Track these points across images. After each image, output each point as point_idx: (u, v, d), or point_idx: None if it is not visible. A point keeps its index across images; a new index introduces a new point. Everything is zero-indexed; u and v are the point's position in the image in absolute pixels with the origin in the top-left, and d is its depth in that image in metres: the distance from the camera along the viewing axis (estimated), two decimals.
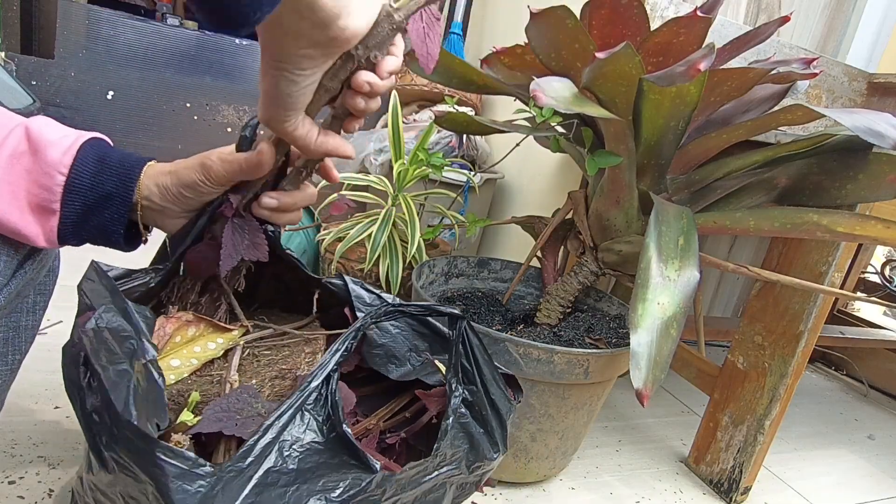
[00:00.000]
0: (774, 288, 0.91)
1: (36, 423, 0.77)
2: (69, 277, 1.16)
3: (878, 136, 0.57)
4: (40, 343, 0.96)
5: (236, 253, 0.52)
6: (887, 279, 1.81)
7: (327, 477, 0.41)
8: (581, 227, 0.89)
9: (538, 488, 0.89)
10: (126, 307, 0.46)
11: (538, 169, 1.45)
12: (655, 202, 0.70)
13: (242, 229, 0.53)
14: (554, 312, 0.90)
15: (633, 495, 0.93)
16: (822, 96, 1.28)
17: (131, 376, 0.40)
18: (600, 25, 0.72)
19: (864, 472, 1.18)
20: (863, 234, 0.65)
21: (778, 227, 0.70)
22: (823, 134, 0.70)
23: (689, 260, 0.62)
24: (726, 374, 0.98)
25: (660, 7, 1.06)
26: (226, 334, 0.56)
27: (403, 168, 1.14)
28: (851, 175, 0.70)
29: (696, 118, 0.76)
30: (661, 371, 0.56)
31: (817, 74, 0.71)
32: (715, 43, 0.55)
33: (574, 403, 0.82)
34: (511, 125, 0.86)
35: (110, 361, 0.41)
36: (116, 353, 0.42)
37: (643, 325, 0.58)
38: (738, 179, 0.79)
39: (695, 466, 1.03)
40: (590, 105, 0.61)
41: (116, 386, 0.39)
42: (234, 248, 0.52)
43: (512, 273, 1.09)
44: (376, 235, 1.07)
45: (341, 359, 0.46)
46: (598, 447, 1.05)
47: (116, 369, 0.41)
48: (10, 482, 0.67)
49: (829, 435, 1.32)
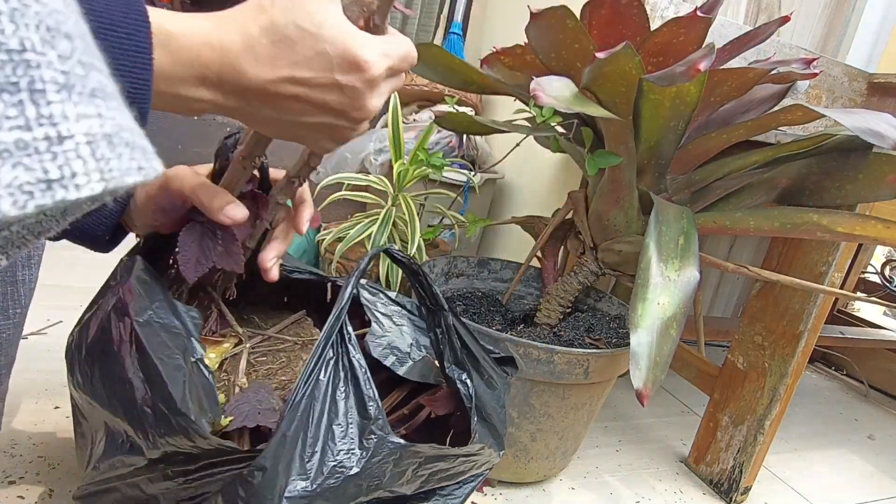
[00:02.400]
0: (774, 288, 0.91)
1: (36, 423, 0.77)
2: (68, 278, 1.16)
3: (878, 137, 0.57)
4: (40, 343, 0.96)
5: (206, 260, 0.48)
6: (887, 279, 1.81)
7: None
8: (581, 227, 0.89)
9: (538, 488, 0.89)
10: (176, 306, 0.46)
11: (538, 169, 1.45)
12: (655, 202, 0.70)
13: (214, 234, 0.49)
14: (554, 312, 0.90)
15: (633, 495, 0.93)
16: (822, 96, 1.28)
17: (185, 372, 0.40)
18: (600, 25, 0.72)
19: (864, 472, 1.18)
20: (863, 234, 0.65)
21: (778, 227, 0.70)
22: (823, 134, 0.70)
23: (689, 260, 0.62)
24: (726, 374, 0.98)
25: (660, 7, 1.06)
26: (217, 348, 0.55)
27: (403, 168, 1.14)
28: (851, 175, 0.70)
29: (696, 118, 0.76)
30: (661, 371, 0.56)
31: (817, 74, 0.71)
32: (715, 43, 0.55)
33: (574, 403, 0.82)
34: (511, 125, 0.86)
35: (168, 356, 0.41)
36: (171, 349, 0.42)
37: (643, 325, 0.58)
38: (739, 179, 0.79)
39: (695, 466, 1.03)
40: (590, 105, 0.61)
41: (175, 380, 0.39)
42: (204, 254, 0.48)
43: (512, 273, 1.09)
44: (376, 235, 1.07)
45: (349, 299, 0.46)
46: (598, 447, 1.05)
47: (173, 363, 0.41)
48: (10, 482, 0.67)
49: (829, 435, 1.32)
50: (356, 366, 0.44)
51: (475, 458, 0.51)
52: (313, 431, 0.41)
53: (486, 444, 0.52)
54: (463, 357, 0.56)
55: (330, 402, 0.42)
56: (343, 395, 0.43)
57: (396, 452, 0.43)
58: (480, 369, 0.57)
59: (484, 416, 0.55)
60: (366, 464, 0.41)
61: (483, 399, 0.55)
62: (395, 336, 0.57)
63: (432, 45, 0.84)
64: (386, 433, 0.43)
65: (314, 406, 0.41)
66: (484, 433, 0.54)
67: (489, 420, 0.55)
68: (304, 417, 0.41)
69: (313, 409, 0.41)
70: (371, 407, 0.43)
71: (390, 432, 0.43)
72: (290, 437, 0.39)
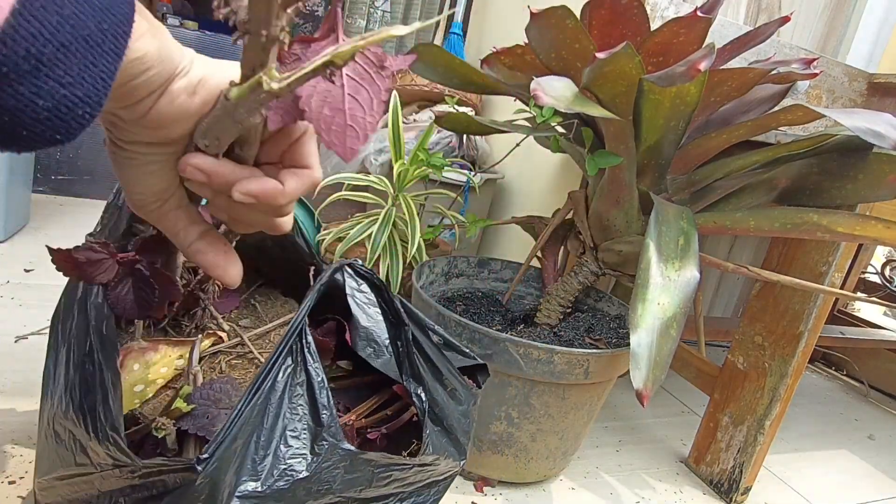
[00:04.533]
0: (774, 288, 0.91)
1: (36, 424, 0.77)
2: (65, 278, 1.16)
3: (878, 137, 0.57)
4: (40, 343, 0.96)
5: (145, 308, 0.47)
6: (887, 279, 1.81)
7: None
8: (581, 228, 0.89)
9: (538, 488, 0.89)
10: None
11: (538, 169, 1.45)
12: (655, 202, 0.70)
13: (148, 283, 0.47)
14: (554, 312, 0.90)
15: (633, 495, 0.93)
16: (823, 96, 1.28)
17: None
18: (600, 25, 0.72)
19: (864, 472, 1.18)
20: (863, 234, 0.65)
21: (778, 227, 0.70)
22: (823, 134, 0.70)
23: (689, 260, 0.62)
24: (726, 374, 0.98)
25: (660, 7, 1.06)
26: (179, 349, 0.54)
27: (403, 168, 1.14)
28: (851, 175, 0.70)
29: (696, 118, 0.76)
30: (661, 371, 0.56)
31: (817, 75, 0.71)
32: (715, 43, 0.55)
33: (574, 403, 0.82)
34: (511, 125, 0.86)
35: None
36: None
37: (643, 325, 0.58)
38: (739, 180, 0.79)
39: (695, 466, 1.03)
40: (591, 105, 0.61)
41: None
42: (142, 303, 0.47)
43: (512, 273, 1.09)
44: (376, 235, 1.07)
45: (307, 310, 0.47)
46: (598, 447, 1.05)
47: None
48: (11, 482, 0.67)
49: (829, 435, 1.32)
50: (312, 374, 0.45)
51: (430, 468, 0.51)
52: (266, 434, 0.42)
53: (441, 454, 0.53)
54: (420, 371, 0.56)
55: (285, 408, 0.44)
56: (297, 402, 0.44)
57: (347, 459, 0.44)
58: (444, 381, 0.58)
59: (445, 426, 0.56)
60: (316, 468, 0.42)
61: (446, 410, 0.56)
62: (374, 328, 0.58)
63: (432, 45, 0.84)
64: (338, 440, 0.44)
65: (269, 409, 0.42)
66: (443, 443, 0.55)
67: (451, 431, 0.56)
68: (257, 419, 0.42)
69: (268, 412, 0.42)
70: (325, 415, 0.44)
71: (342, 440, 0.44)
72: (240, 438, 0.40)
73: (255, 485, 0.40)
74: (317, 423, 0.44)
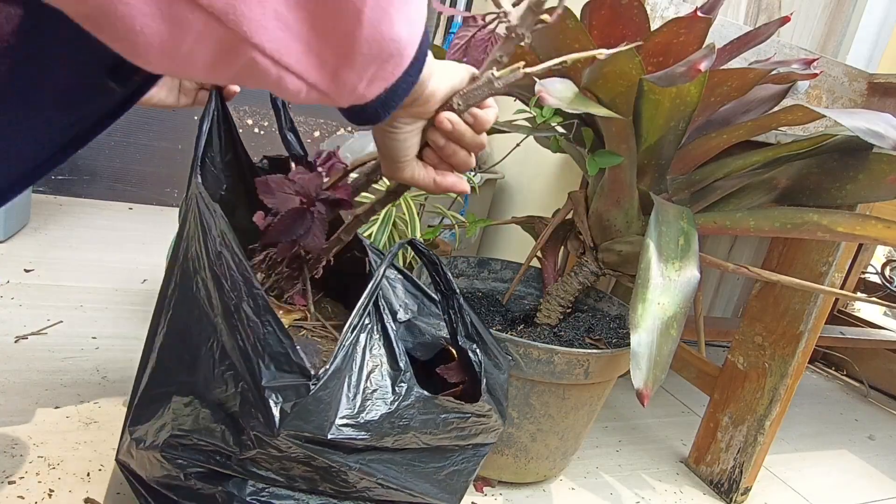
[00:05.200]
0: (774, 288, 0.91)
1: (36, 423, 0.77)
2: (68, 278, 1.16)
3: (878, 137, 0.57)
4: (40, 343, 0.96)
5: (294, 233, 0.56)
6: (887, 279, 1.81)
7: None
8: (581, 228, 0.89)
9: (538, 488, 0.89)
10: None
11: (538, 169, 1.45)
12: (656, 202, 0.70)
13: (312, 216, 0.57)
14: (554, 313, 0.90)
15: (633, 495, 0.93)
16: (823, 97, 1.28)
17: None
18: (600, 26, 0.72)
19: (864, 472, 1.18)
20: (863, 234, 0.65)
21: (778, 227, 0.70)
22: (823, 134, 0.70)
23: (689, 260, 0.62)
24: (726, 374, 0.98)
25: (660, 7, 1.06)
26: (285, 316, 0.63)
27: None
28: (851, 175, 0.70)
29: (697, 118, 0.76)
30: (661, 371, 0.56)
31: (817, 75, 0.71)
32: (715, 43, 0.55)
33: (574, 404, 0.82)
34: (511, 125, 0.86)
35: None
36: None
37: (643, 325, 0.58)
38: (739, 180, 0.79)
39: (695, 467, 1.03)
40: (593, 105, 0.61)
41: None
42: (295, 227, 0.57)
43: (512, 273, 1.09)
44: (376, 235, 1.07)
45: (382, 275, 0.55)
46: (598, 447, 1.05)
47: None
48: (11, 482, 0.67)
49: (829, 435, 1.32)
50: (388, 328, 0.54)
51: (485, 419, 0.59)
52: (356, 375, 0.50)
53: (493, 408, 0.60)
54: (473, 333, 0.64)
55: (369, 355, 0.52)
56: (378, 351, 0.53)
57: (421, 400, 0.53)
58: (488, 350, 0.65)
59: (490, 389, 0.62)
60: (397, 406, 0.51)
61: (490, 375, 0.63)
62: (388, 294, 0.67)
63: (432, 46, 0.84)
64: (413, 384, 0.53)
65: (355, 355, 0.51)
66: (491, 403, 0.61)
67: (494, 394, 0.62)
68: (349, 363, 0.50)
69: (355, 357, 0.51)
70: (401, 361, 0.53)
71: (416, 385, 0.53)
72: (339, 374, 0.49)
73: (350, 412, 0.49)
74: (395, 368, 0.53)
